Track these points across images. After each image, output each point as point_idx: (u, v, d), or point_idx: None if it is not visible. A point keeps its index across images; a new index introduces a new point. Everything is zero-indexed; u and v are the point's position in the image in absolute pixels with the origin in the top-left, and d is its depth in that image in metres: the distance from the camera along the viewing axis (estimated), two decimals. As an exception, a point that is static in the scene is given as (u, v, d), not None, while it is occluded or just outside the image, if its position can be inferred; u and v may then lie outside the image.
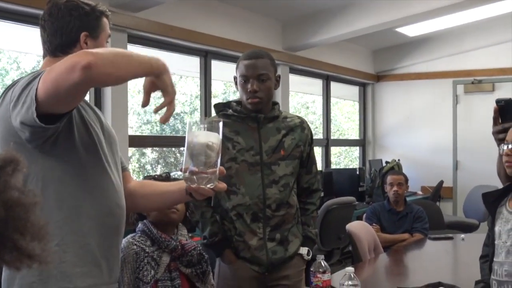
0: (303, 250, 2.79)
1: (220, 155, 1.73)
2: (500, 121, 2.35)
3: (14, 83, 1.76)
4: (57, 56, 1.92)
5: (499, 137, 2.33)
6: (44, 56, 1.97)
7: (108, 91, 4.52)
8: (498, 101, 2.37)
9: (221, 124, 1.74)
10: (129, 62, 1.68)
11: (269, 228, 2.70)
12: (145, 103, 1.83)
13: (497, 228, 2.31)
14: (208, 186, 1.73)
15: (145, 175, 5.94)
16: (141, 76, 1.74)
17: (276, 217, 2.70)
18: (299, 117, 2.89)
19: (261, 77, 2.69)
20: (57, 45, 1.92)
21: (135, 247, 2.33)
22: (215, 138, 1.71)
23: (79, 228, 1.82)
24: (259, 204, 2.68)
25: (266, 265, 2.71)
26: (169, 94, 1.76)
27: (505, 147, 2.25)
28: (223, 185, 1.81)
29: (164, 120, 1.83)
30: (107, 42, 2.02)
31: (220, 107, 2.83)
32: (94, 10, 1.94)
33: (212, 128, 1.74)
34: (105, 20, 1.99)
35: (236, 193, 2.69)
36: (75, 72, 1.51)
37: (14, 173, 0.69)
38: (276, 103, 2.86)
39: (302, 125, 2.83)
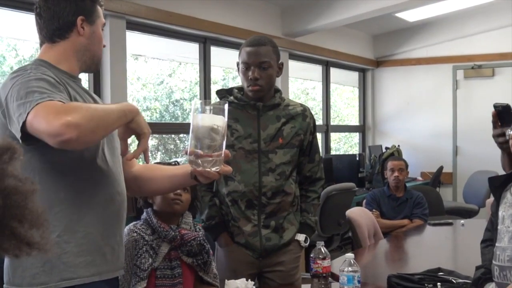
0: (300, 237, 2.80)
1: (225, 138, 1.73)
2: (499, 124, 2.36)
3: (13, 80, 1.76)
4: (55, 41, 1.94)
5: (499, 140, 2.35)
6: (41, 44, 1.98)
7: (107, 79, 4.51)
8: (495, 106, 2.38)
9: (226, 106, 1.74)
10: (107, 121, 1.69)
11: (264, 215, 2.71)
12: (125, 150, 1.87)
13: (500, 213, 2.31)
14: (214, 169, 1.73)
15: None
16: (118, 127, 1.80)
17: (271, 204, 2.71)
18: (302, 105, 2.87)
19: (262, 64, 2.68)
20: (54, 30, 1.93)
21: (135, 234, 2.34)
22: (220, 121, 1.71)
23: (80, 218, 1.83)
24: (254, 192, 2.69)
25: (260, 251, 2.73)
26: (145, 135, 1.80)
27: (510, 132, 2.25)
28: (228, 168, 1.82)
29: (133, 156, 1.88)
30: (102, 30, 2.03)
31: (222, 93, 2.83)
32: None
33: (217, 111, 1.73)
34: (99, 8, 2.00)
35: (233, 179, 2.70)
36: (55, 140, 1.58)
37: (11, 161, 0.69)
38: (278, 91, 2.84)
39: (304, 113, 2.81)
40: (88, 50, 1.97)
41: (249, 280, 2.37)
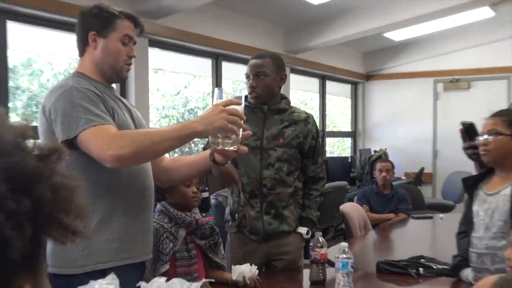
0: (302, 230, 2.78)
1: (242, 122, 1.77)
2: (468, 139, 2.41)
3: (57, 93, 1.79)
4: (82, 54, 1.96)
5: (468, 152, 2.40)
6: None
7: (132, 90, 4.54)
8: (463, 124, 2.42)
9: (243, 93, 1.79)
10: (153, 149, 1.73)
11: (265, 203, 2.71)
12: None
13: (475, 208, 2.33)
14: (232, 148, 1.78)
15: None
16: (179, 145, 1.82)
17: (271, 194, 2.71)
18: (306, 113, 2.86)
19: (259, 74, 2.69)
20: (77, 45, 1.96)
21: (155, 223, 2.33)
22: (239, 107, 1.76)
23: (115, 210, 1.85)
24: (256, 183, 2.70)
25: (262, 235, 2.73)
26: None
27: (480, 139, 2.28)
28: (244, 148, 1.85)
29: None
30: (126, 44, 1.95)
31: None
32: (102, 12, 1.91)
33: (236, 99, 1.79)
34: (120, 22, 1.93)
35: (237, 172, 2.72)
36: (102, 163, 1.69)
37: (59, 161, 0.70)
38: (284, 98, 2.84)
39: (306, 120, 2.80)
40: (104, 62, 1.93)
41: (253, 265, 2.37)
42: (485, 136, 2.25)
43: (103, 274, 1.63)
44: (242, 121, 1.75)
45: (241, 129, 1.76)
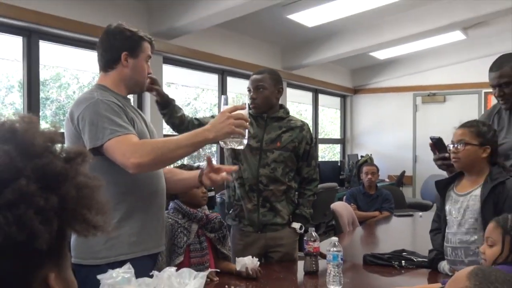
0: (296, 225, 2.77)
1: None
2: (437, 151, 2.41)
3: (84, 104, 1.78)
4: (107, 71, 1.93)
5: (437, 163, 2.40)
6: (99, 72, 1.98)
7: (148, 101, 4.53)
8: (431, 138, 2.42)
9: (247, 100, 1.79)
10: (170, 156, 1.73)
11: (261, 198, 2.71)
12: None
13: (447, 207, 2.32)
14: (239, 147, 1.80)
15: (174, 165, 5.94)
16: (193, 152, 1.83)
17: (266, 190, 2.71)
18: (302, 122, 2.86)
19: (258, 87, 2.71)
20: (105, 62, 1.93)
21: (170, 220, 2.32)
22: (243, 111, 1.78)
23: (134, 208, 1.84)
24: (253, 180, 2.70)
25: (258, 225, 2.72)
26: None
27: (451, 147, 2.27)
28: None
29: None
30: (147, 62, 1.98)
31: None
32: (134, 35, 1.92)
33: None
34: (145, 44, 1.95)
35: (239, 168, 2.72)
36: (125, 169, 1.69)
37: (83, 163, 0.70)
38: (282, 107, 2.85)
39: (302, 127, 2.80)
40: (132, 78, 1.93)
41: (254, 257, 2.36)
42: (455, 145, 2.24)
43: (122, 265, 1.62)
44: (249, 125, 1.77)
45: (246, 131, 1.76)
